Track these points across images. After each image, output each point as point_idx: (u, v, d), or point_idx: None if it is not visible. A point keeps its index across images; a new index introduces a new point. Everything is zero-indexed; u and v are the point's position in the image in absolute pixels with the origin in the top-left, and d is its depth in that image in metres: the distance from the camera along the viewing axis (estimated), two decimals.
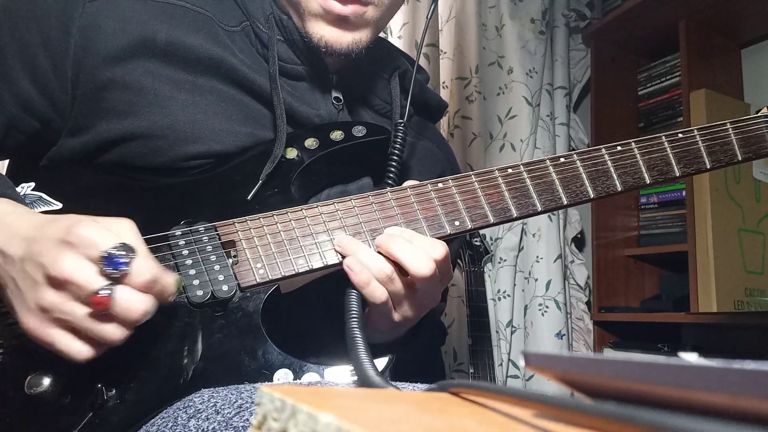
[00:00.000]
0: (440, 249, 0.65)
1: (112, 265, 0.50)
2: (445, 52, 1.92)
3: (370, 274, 0.63)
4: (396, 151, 0.76)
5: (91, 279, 0.50)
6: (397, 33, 1.79)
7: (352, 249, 0.65)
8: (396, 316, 0.67)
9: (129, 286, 0.52)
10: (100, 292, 0.50)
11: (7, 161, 0.83)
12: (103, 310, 0.50)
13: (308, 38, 0.75)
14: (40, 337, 0.52)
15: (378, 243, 0.66)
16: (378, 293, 0.64)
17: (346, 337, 0.59)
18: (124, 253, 0.51)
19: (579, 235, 2.12)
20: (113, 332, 0.52)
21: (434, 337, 0.96)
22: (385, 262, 0.64)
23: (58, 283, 0.50)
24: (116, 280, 0.51)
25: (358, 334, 0.58)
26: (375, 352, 0.66)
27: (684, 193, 1.86)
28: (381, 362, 0.65)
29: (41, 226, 0.54)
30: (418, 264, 0.63)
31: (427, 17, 0.86)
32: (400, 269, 0.64)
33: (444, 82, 1.91)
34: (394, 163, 0.75)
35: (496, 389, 0.27)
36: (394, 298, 0.65)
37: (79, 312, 0.51)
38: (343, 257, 0.65)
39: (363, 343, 0.57)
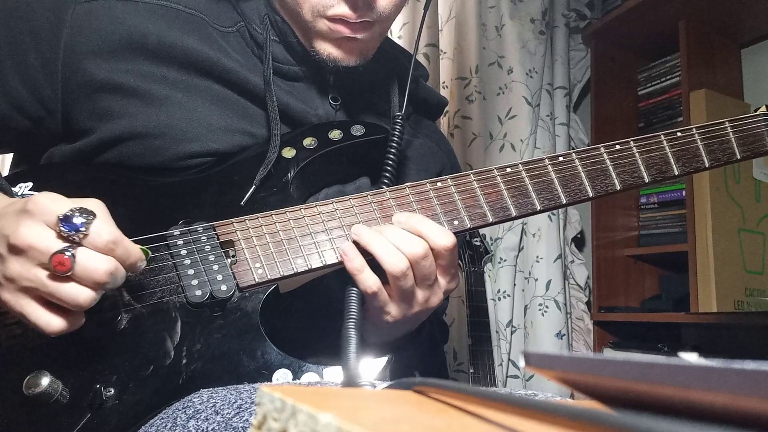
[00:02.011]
0: (448, 238, 0.64)
1: (70, 226, 0.51)
2: (445, 52, 1.92)
3: (362, 261, 0.63)
4: (394, 144, 0.75)
5: (50, 242, 0.51)
6: (397, 33, 1.79)
7: (366, 239, 0.64)
8: (394, 310, 0.65)
9: (89, 247, 0.52)
10: (64, 254, 0.50)
11: (9, 163, 0.83)
12: (64, 272, 0.50)
13: (315, 54, 0.74)
14: (14, 309, 0.52)
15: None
16: (369, 282, 0.63)
17: (341, 334, 0.59)
18: (79, 214, 0.51)
19: (579, 235, 2.12)
20: (79, 293, 0.51)
21: (437, 337, 0.95)
22: (402, 255, 0.62)
23: (18, 251, 0.51)
24: (76, 243, 0.51)
25: (352, 333, 0.58)
26: (372, 352, 0.66)
27: (684, 193, 1.86)
28: (380, 362, 0.65)
29: (9, 204, 0.55)
30: (411, 246, 0.62)
31: (422, 17, 0.86)
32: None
33: (444, 82, 1.91)
34: (392, 155, 0.75)
35: (460, 388, 0.26)
36: (400, 295, 0.64)
37: (42, 276, 0.51)
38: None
39: (355, 339, 0.57)
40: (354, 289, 0.63)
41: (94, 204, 0.55)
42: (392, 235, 0.63)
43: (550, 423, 0.19)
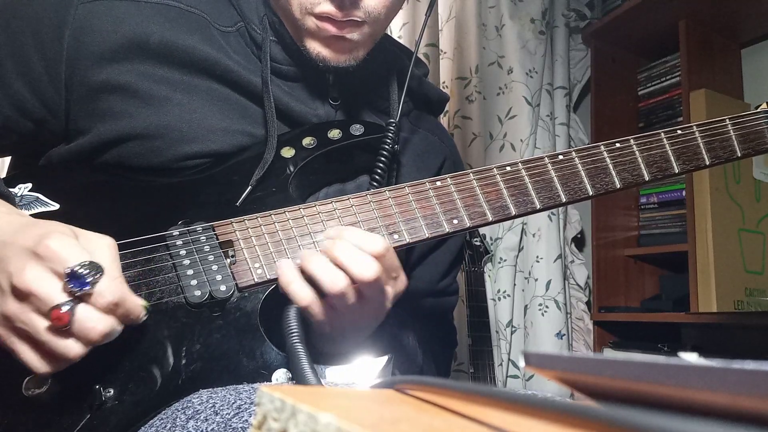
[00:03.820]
0: (380, 243, 0.61)
1: (75, 283, 0.50)
2: (445, 52, 1.92)
3: (293, 275, 0.61)
4: (385, 151, 0.75)
5: (53, 293, 0.50)
6: (397, 33, 1.79)
7: (304, 261, 0.61)
8: (335, 320, 0.63)
9: (91, 305, 0.51)
10: (62, 308, 0.49)
11: (7, 163, 0.83)
12: (62, 326, 0.50)
13: (306, 52, 0.74)
14: (4, 344, 0.52)
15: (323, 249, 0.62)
16: (300, 295, 0.61)
17: (287, 351, 0.58)
18: (88, 271, 0.50)
19: (579, 235, 2.12)
20: (71, 348, 0.51)
21: (443, 338, 0.95)
22: (341, 274, 0.60)
23: (20, 294, 0.50)
24: (79, 298, 0.50)
25: (299, 346, 0.57)
26: (329, 359, 0.65)
27: (684, 193, 1.86)
28: (380, 361, 0.65)
29: (17, 231, 0.54)
30: (361, 268, 0.59)
31: (424, 21, 0.86)
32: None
33: (444, 82, 1.91)
34: (380, 164, 0.74)
35: (443, 384, 0.26)
36: (339, 304, 0.62)
37: (38, 324, 0.50)
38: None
39: (303, 351, 0.56)
40: (291, 307, 0.62)
41: (103, 243, 0.54)
42: (338, 252, 0.61)
43: (546, 420, 0.19)
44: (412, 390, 0.29)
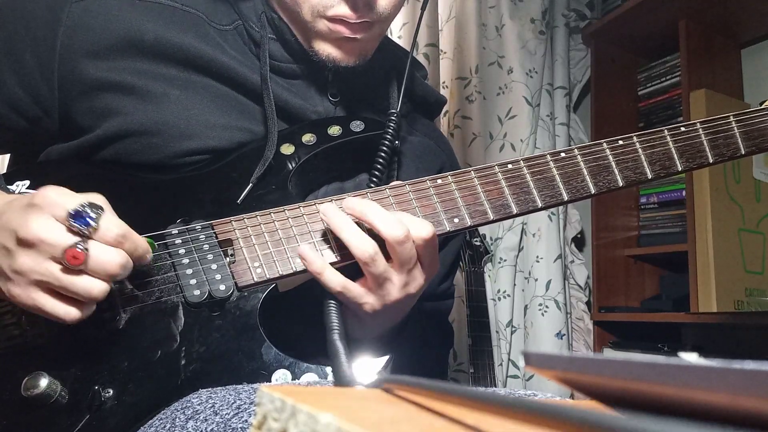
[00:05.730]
0: (427, 228, 0.63)
1: (80, 222, 0.51)
2: (445, 52, 1.92)
3: (322, 263, 0.62)
4: (386, 141, 0.75)
5: (61, 236, 0.51)
6: (397, 33, 1.79)
7: (337, 225, 0.62)
8: (371, 299, 0.64)
9: (99, 241, 0.52)
10: (77, 247, 0.50)
11: (6, 161, 0.83)
12: (78, 265, 0.51)
13: (314, 54, 0.74)
14: (26, 303, 0.53)
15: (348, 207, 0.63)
16: (332, 283, 0.62)
17: (327, 343, 0.59)
18: (90, 209, 0.52)
19: (579, 235, 2.12)
20: (93, 285, 0.52)
21: (443, 341, 0.95)
22: (370, 241, 0.61)
23: (29, 245, 0.51)
24: (86, 237, 0.52)
25: (338, 344, 0.58)
26: (358, 350, 0.65)
27: (684, 193, 1.86)
28: (380, 361, 0.65)
29: (10, 201, 0.55)
30: (391, 228, 0.60)
31: (419, 16, 0.86)
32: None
33: (444, 82, 1.91)
34: (383, 154, 0.74)
35: (429, 386, 0.26)
36: (374, 282, 0.62)
37: (54, 270, 0.51)
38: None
39: (342, 350, 0.57)
40: (332, 301, 0.62)
41: (98, 196, 0.56)
42: (347, 233, 0.62)
43: (543, 425, 0.19)
44: (401, 391, 0.29)
